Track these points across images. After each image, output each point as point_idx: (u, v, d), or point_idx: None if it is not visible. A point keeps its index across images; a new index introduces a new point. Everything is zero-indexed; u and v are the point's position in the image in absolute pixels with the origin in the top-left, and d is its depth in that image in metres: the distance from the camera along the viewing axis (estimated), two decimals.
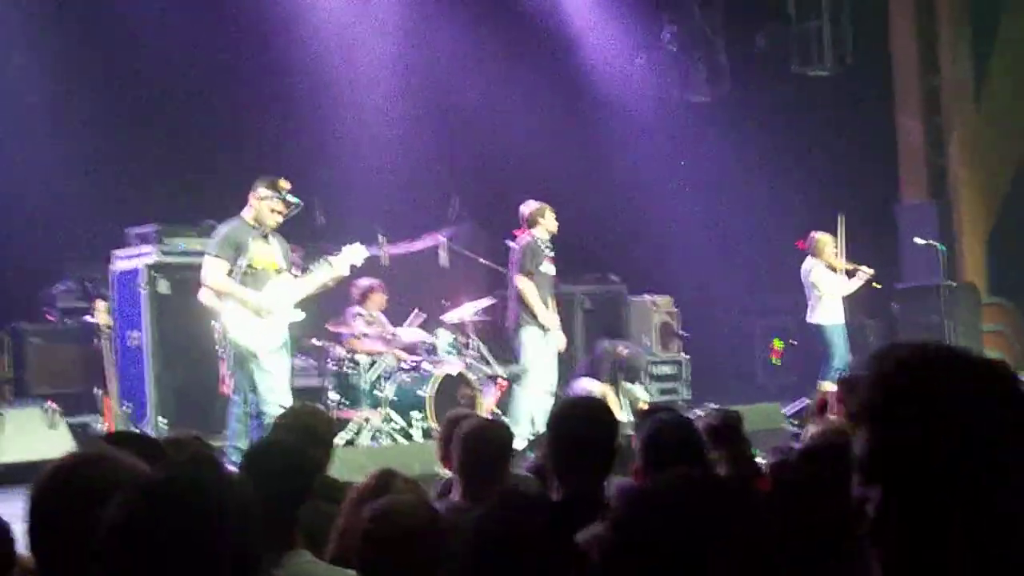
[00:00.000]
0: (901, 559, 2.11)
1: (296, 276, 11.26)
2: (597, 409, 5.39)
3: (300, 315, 11.10)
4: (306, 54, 17.09)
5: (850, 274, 15.91)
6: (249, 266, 10.70)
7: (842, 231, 16.01)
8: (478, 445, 5.73)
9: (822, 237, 15.96)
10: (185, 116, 16.29)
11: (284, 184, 10.79)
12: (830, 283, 15.84)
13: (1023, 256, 19.28)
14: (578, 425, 5.16)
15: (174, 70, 15.98)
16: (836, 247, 15.89)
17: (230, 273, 10.69)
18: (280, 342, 10.86)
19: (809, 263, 15.97)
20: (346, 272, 11.42)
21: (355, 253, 11.46)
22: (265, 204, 10.76)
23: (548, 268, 13.51)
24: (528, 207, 13.63)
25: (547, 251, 13.49)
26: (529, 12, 19.33)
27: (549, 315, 13.38)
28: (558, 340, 13.71)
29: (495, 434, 5.99)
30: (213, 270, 10.72)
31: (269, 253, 10.88)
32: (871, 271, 16.02)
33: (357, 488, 5.03)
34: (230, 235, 10.77)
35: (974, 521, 2.05)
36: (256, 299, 10.66)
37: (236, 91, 16.48)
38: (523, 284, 13.28)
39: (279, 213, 10.84)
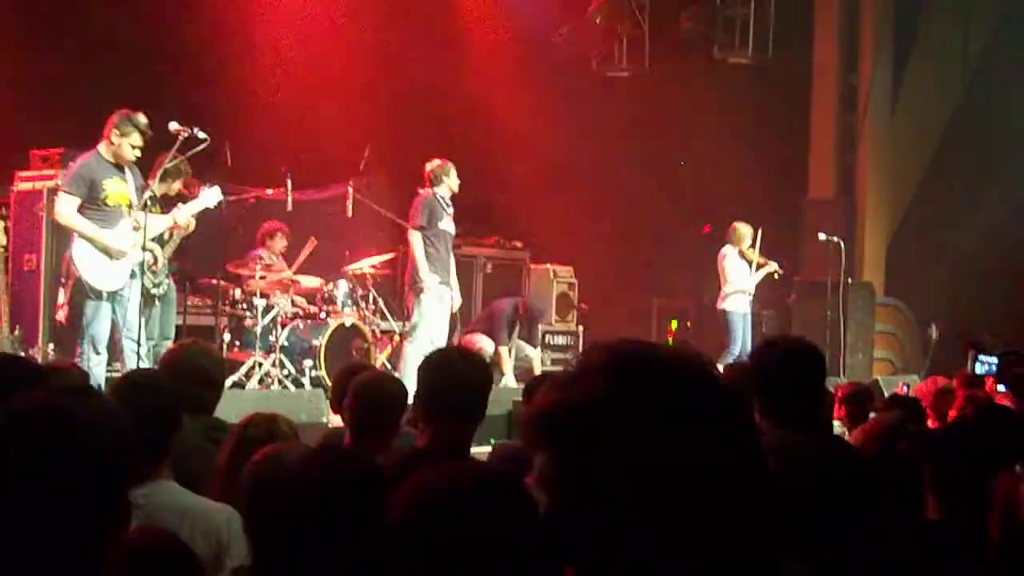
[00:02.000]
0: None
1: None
2: (460, 361, 5.30)
3: (145, 255, 11.09)
4: None
5: (760, 267, 16.21)
6: (103, 202, 10.67)
7: (758, 242, 16.26)
8: (373, 397, 5.72)
9: (740, 227, 16.28)
10: (98, 42, 16.05)
11: (142, 118, 10.73)
12: (739, 272, 16.11)
13: (922, 260, 19.53)
14: (438, 376, 5.13)
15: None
16: (752, 240, 16.17)
17: (81, 208, 10.63)
18: (126, 282, 10.80)
19: (724, 250, 16.25)
20: (183, 220, 11.41)
21: (209, 196, 11.55)
22: (126, 140, 10.71)
23: (448, 225, 13.45)
24: (431, 164, 13.57)
25: (447, 208, 13.42)
26: None
27: (429, 275, 13.28)
28: (453, 299, 13.65)
29: (390, 388, 5.99)
30: (63, 206, 10.71)
31: (124, 189, 10.82)
32: (777, 267, 16.33)
33: (237, 428, 4.99)
34: (83, 172, 10.73)
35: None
36: (105, 237, 10.63)
37: (151, 22, 16.25)
38: (413, 238, 13.23)
39: (139, 148, 10.80)
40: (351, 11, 18.19)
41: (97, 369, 10.33)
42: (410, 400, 5.83)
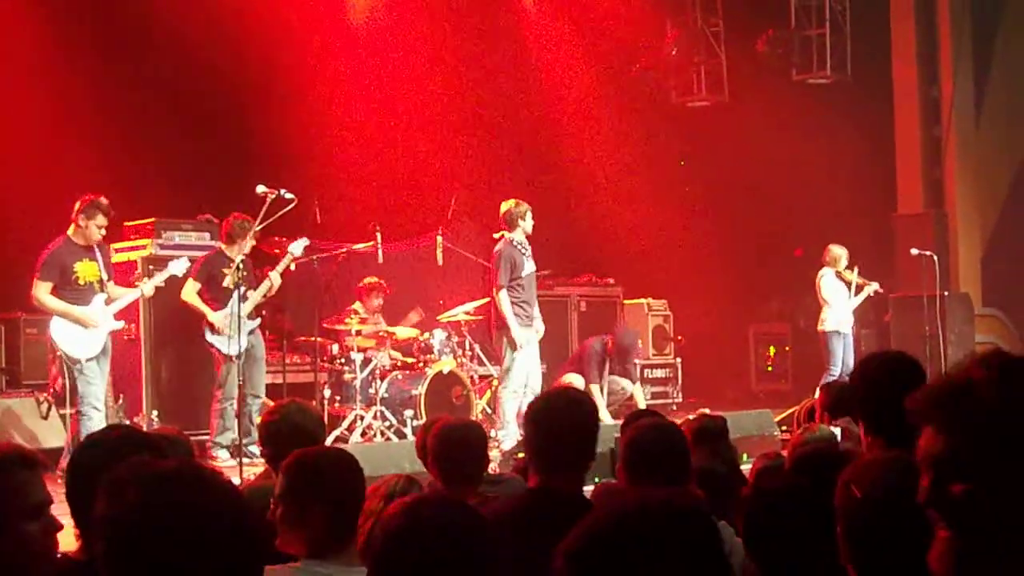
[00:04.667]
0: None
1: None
2: (571, 402, 5.12)
3: (120, 324, 12.01)
4: (308, 53, 17.12)
5: (859, 288, 16.10)
6: (75, 282, 11.62)
7: (855, 279, 16.13)
8: (452, 445, 5.69)
9: (835, 249, 16.16)
10: (186, 112, 16.31)
11: (104, 200, 11.68)
12: (837, 293, 16.01)
13: (1018, 268, 19.28)
14: (549, 417, 4.95)
15: (178, 67, 16.03)
16: (849, 262, 16.06)
17: (57, 290, 11.59)
18: (99, 350, 11.70)
19: (822, 272, 16.16)
20: (150, 293, 12.37)
21: (176, 266, 12.47)
22: (92, 223, 11.62)
23: (530, 267, 13.36)
24: (507, 205, 13.43)
25: (525, 251, 13.36)
26: (532, 12, 19.41)
27: (522, 331, 13.23)
28: (537, 329, 13.56)
29: (468, 433, 5.92)
30: (36, 290, 11.66)
31: (93, 268, 11.77)
32: (878, 286, 16.20)
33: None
34: (52, 258, 11.67)
35: None
36: (76, 311, 11.60)
37: (238, 88, 16.46)
38: (499, 297, 13.19)
39: (104, 227, 11.75)
40: (429, 61, 18.35)
41: (101, 424, 11.01)
42: (505, 445, 5.80)
